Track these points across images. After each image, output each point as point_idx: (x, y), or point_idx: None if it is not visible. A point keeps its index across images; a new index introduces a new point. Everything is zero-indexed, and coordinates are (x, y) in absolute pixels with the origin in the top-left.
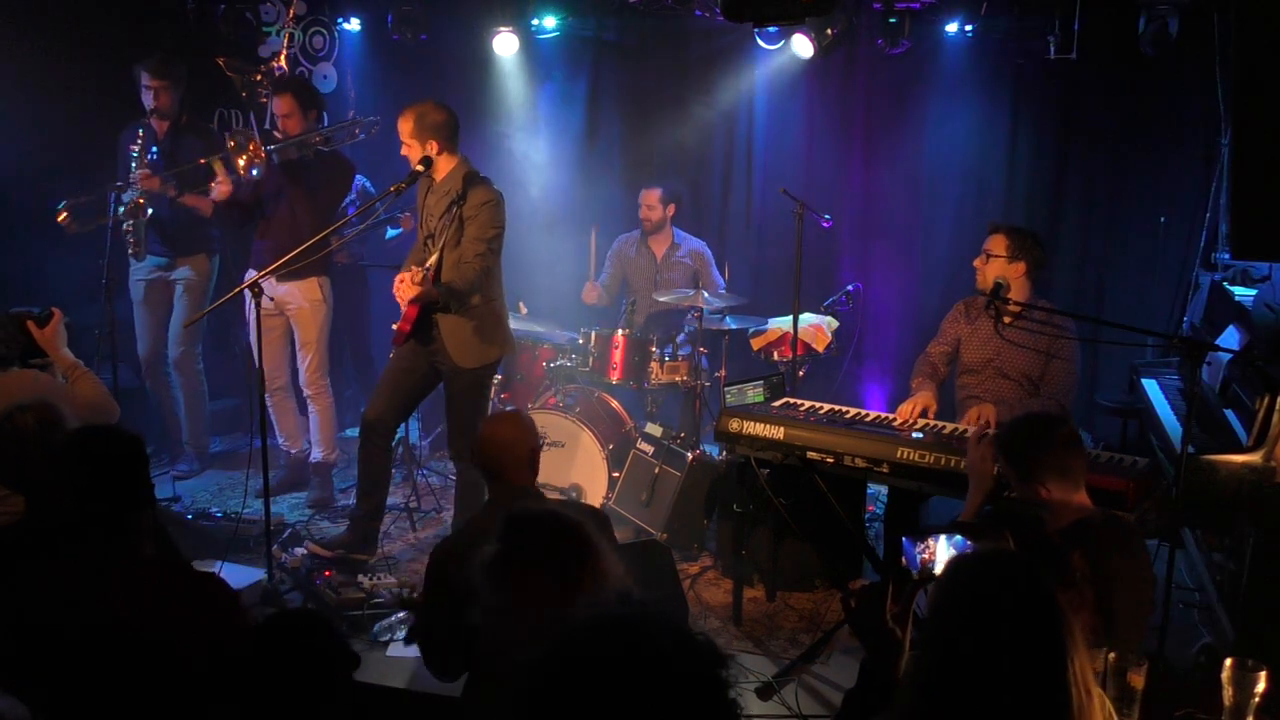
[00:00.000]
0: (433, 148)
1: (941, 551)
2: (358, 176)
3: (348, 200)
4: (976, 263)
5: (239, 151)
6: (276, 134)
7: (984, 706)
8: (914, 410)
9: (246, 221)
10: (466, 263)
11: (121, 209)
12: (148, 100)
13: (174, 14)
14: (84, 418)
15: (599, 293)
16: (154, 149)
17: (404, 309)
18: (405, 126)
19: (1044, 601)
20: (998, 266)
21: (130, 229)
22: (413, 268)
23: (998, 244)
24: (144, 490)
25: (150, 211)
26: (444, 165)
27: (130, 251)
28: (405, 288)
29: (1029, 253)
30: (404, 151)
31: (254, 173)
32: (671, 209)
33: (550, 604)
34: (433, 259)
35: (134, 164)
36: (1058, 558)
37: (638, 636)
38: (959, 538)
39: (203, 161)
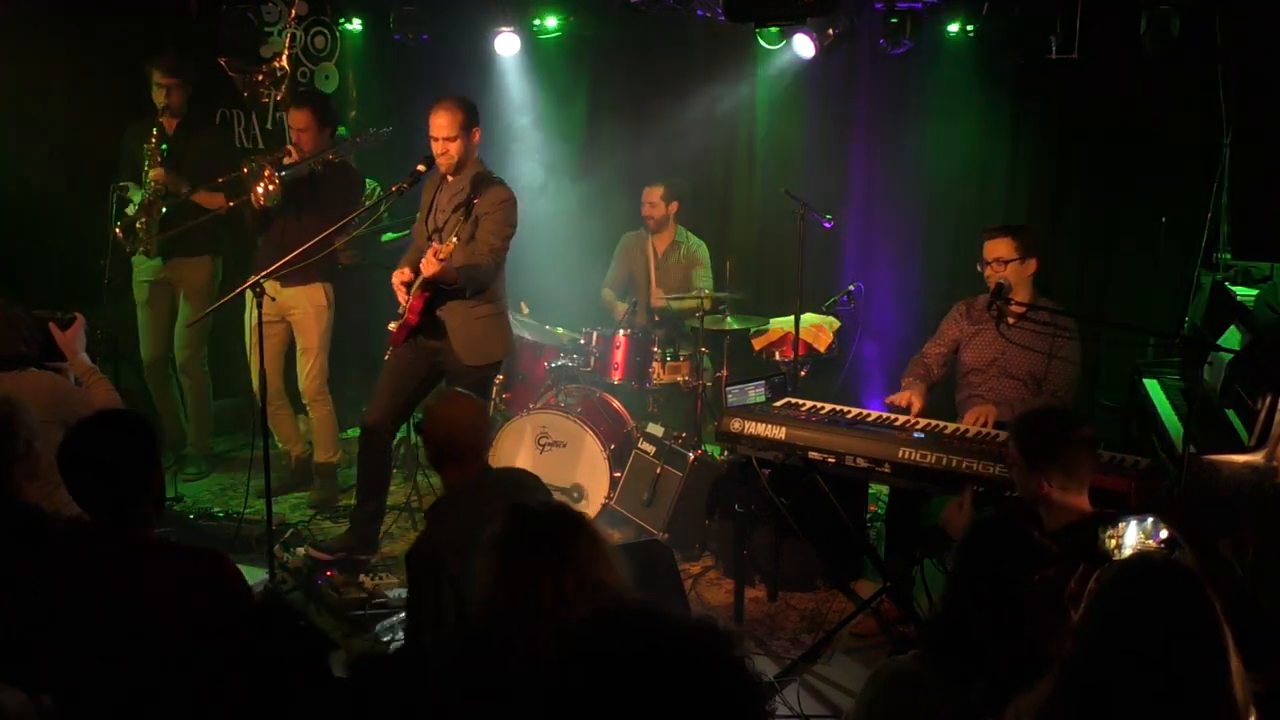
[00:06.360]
0: (476, 135)
1: (1130, 536)
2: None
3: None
4: (987, 271)
5: (254, 179)
6: (290, 148)
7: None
8: (902, 401)
9: (264, 227)
10: (481, 255)
11: (131, 207)
12: (159, 98)
13: (176, 13)
14: None
15: (611, 297)
16: (164, 147)
17: (406, 301)
18: (454, 119)
19: (1210, 615)
20: (1012, 270)
21: (143, 226)
22: (434, 245)
23: (1005, 247)
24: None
25: (165, 210)
26: (462, 160)
27: (142, 249)
28: (427, 262)
29: (1037, 247)
30: (445, 145)
31: (269, 195)
32: (674, 206)
33: (549, 595)
34: (451, 241)
35: (146, 162)
36: (1056, 559)
37: (654, 630)
38: (1149, 521)
39: (246, 170)
